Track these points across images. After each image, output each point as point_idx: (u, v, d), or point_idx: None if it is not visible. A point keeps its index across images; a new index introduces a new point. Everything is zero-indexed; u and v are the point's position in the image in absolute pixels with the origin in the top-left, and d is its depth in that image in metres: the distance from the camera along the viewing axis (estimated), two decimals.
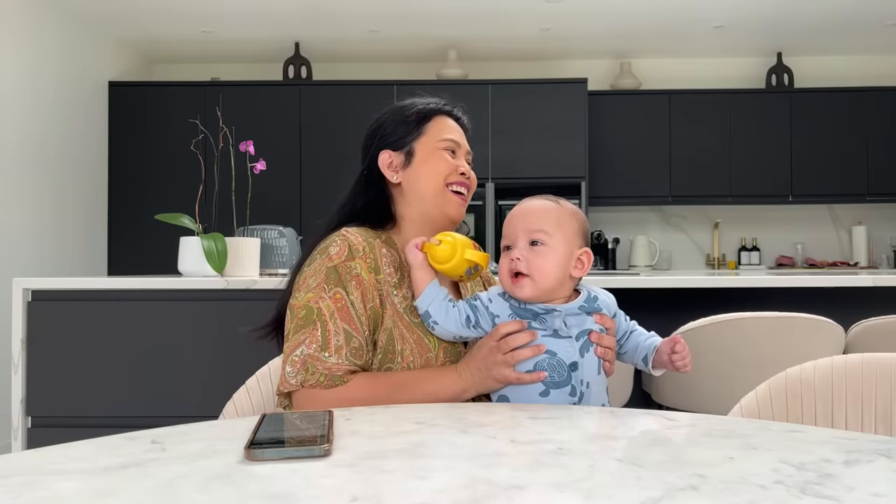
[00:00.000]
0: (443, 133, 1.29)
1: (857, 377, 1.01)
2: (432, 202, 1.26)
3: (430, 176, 1.26)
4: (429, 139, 1.29)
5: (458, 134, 1.32)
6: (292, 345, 1.11)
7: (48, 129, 4.25)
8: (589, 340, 1.06)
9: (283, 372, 1.10)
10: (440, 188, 1.26)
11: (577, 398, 1.04)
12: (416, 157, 1.28)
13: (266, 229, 2.55)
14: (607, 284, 2.20)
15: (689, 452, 0.68)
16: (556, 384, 1.03)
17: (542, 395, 1.03)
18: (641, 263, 5.31)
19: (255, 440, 0.69)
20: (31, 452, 0.70)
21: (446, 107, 1.34)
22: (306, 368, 1.09)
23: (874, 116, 5.18)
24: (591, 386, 1.05)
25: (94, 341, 2.04)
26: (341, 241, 1.17)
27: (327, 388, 1.08)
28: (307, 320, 1.11)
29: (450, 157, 1.28)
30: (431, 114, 1.31)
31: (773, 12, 4.61)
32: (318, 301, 1.11)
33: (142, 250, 4.87)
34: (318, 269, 1.14)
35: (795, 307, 2.08)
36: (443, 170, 1.26)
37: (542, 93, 4.97)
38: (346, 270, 1.14)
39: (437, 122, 1.31)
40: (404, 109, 1.32)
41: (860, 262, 5.27)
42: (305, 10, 4.53)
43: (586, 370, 1.05)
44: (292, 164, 4.97)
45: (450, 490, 0.57)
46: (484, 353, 1.08)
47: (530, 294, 1.07)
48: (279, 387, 1.11)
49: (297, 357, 1.09)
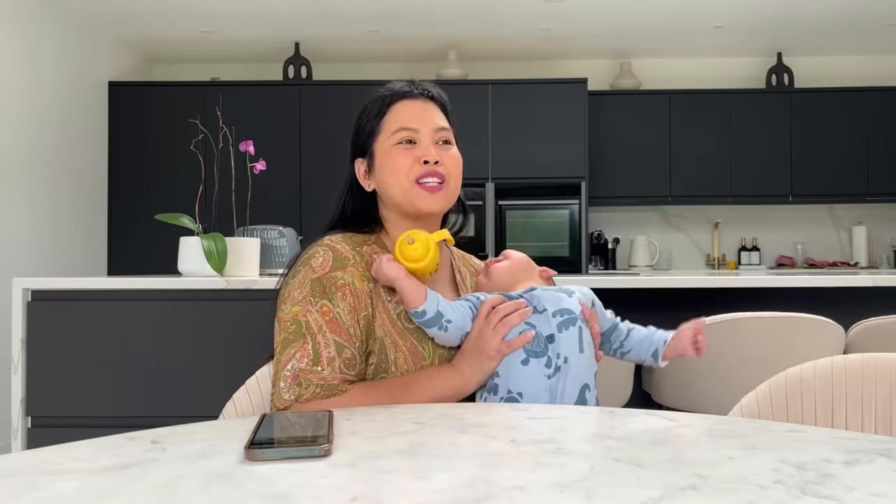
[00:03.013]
0: (396, 123, 1.19)
1: (857, 377, 1.01)
2: (404, 202, 1.18)
3: (391, 177, 1.18)
4: (384, 136, 1.20)
5: (417, 116, 1.20)
6: (284, 360, 1.07)
7: (48, 129, 4.25)
8: (567, 320, 1.11)
9: (276, 388, 1.07)
10: (406, 187, 1.17)
11: (553, 370, 1.08)
12: (377, 160, 1.20)
13: (266, 229, 2.55)
14: (607, 284, 2.20)
15: (689, 452, 0.68)
16: (534, 353, 1.09)
17: (523, 364, 1.08)
18: (641, 263, 5.31)
19: (255, 440, 0.69)
20: (31, 452, 0.70)
21: (403, 89, 1.22)
22: (299, 383, 1.05)
23: (874, 116, 5.18)
24: (569, 362, 1.09)
25: (94, 341, 2.04)
26: (324, 251, 1.13)
27: (325, 399, 1.05)
28: (297, 334, 1.07)
29: (407, 150, 1.18)
30: (386, 105, 1.21)
31: (773, 12, 4.61)
32: (305, 315, 1.08)
33: (142, 250, 4.87)
34: (303, 282, 1.11)
35: (795, 307, 2.08)
36: (401, 168, 1.17)
37: (542, 93, 4.97)
38: (331, 282, 1.10)
39: (392, 111, 1.21)
40: (364, 108, 1.25)
41: (860, 262, 5.27)
42: (305, 10, 4.53)
43: (563, 345, 1.09)
44: (292, 164, 4.97)
45: (450, 490, 0.57)
46: (474, 337, 1.11)
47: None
48: (275, 403, 1.06)
49: (289, 372, 1.06)
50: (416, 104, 1.22)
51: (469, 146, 4.95)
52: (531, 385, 1.07)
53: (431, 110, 1.22)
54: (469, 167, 5.06)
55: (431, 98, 1.24)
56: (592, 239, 5.37)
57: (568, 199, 4.93)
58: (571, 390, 1.08)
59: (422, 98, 1.23)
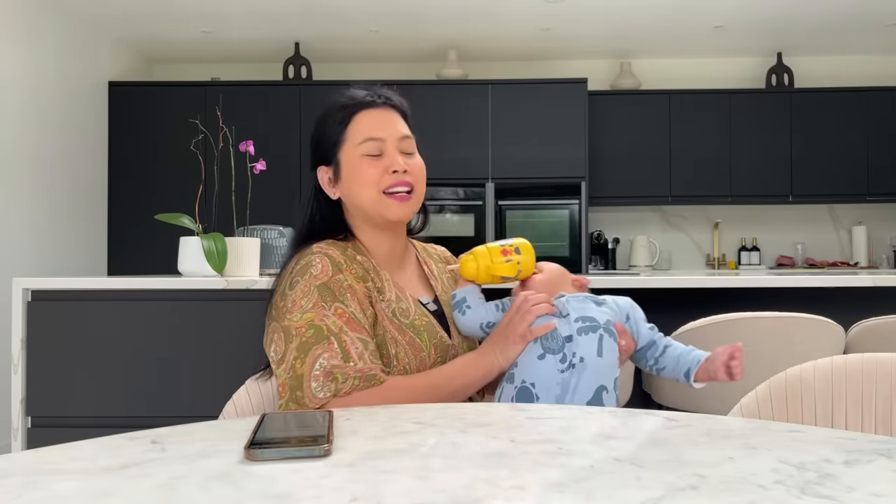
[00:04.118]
0: (362, 133, 1.20)
1: (857, 377, 1.01)
2: (373, 211, 1.20)
3: (361, 188, 1.19)
4: (350, 146, 1.20)
5: (382, 125, 1.21)
6: (309, 362, 1.06)
7: (48, 129, 4.25)
8: (588, 326, 1.15)
9: (306, 391, 1.05)
10: (375, 197, 1.19)
11: (567, 366, 1.12)
12: (343, 170, 1.21)
13: (266, 229, 2.55)
14: (607, 284, 2.20)
15: (689, 452, 0.68)
16: (551, 350, 1.14)
17: (539, 358, 1.14)
18: (641, 263, 5.31)
19: (255, 440, 0.69)
20: (31, 452, 0.70)
21: (366, 98, 1.22)
22: (335, 378, 1.05)
23: (874, 116, 5.18)
24: (585, 362, 1.12)
25: (94, 341, 2.04)
26: (320, 258, 1.14)
27: (364, 390, 1.05)
28: (318, 337, 1.07)
29: (374, 160, 1.19)
30: (350, 114, 1.21)
31: (773, 12, 4.61)
32: (322, 319, 1.08)
33: (142, 250, 4.87)
34: (308, 290, 1.10)
35: (795, 307, 2.08)
36: (369, 179, 1.18)
37: (542, 93, 4.97)
38: (337, 285, 1.11)
39: (356, 121, 1.21)
40: (327, 114, 1.24)
41: (860, 262, 5.27)
42: (305, 10, 4.53)
43: (580, 346, 1.13)
44: (292, 164, 4.97)
45: (450, 490, 0.57)
46: (503, 325, 1.18)
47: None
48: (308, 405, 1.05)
49: (319, 371, 1.05)
50: (378, 113, 1.22)
51: (469, 146, 4.95)
52: (544, 377, 1.12)
53: (394, 118, 1.24)
54: (469, 167, 5.06)
55: (393, 106, 1.25)
56: (592, 239, 5.37)
57: (568, 199, 4.93)
58: (586, 388, 1.11)
59: (384, 107, 1.23)
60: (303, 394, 1.06)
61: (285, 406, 1.08)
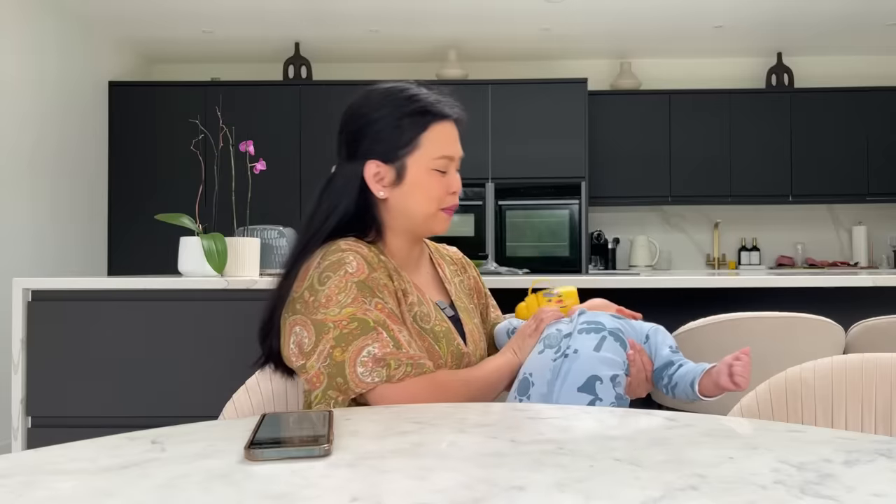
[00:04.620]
0: (440, 149, 1.17)
1: (857, 377, 1.01)
2: (422, 223, 1.20)
3: (421, 201, 1.17)
4: (423, 155, 1.17)
5: (454, 142, 1.20)
6: (353, 350, 1.04)
7: (48, 129, 4.25)
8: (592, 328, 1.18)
9: (352, 375, 1.04)
10: (432, 213, 1.19)
11: (559, 354, 1.15)
12: (408, 178, 1.17)
13: (266, 229, 2.55)
14: (607, 285, 2.20)
15: (689, 452, 0.68)
16: (550, 345, 1.19)
17: (539, 353, 1.19)
18: (641, 263, 5.31)
19: (255, 440, 0.69)
20: (31, 452, 0.70)
21: (445, 110, 1.19)
22: (387, 364, 1.04)
23: (874, 116, 5.18)
24: (579, 353, 1.14)
25: (94, 341, 2.04)
26: (353, 256, 1.11)
27: (416, 377, 1.06)
28: (364, 329, 1.05)
29: (441, 176, 1.18)
30: (428, 122, 1.17)
31: (773, 12, 4.61)
32: (364, 313, 1.06)
33: (142, 250, 4.87)
34: (344, 286, 1.08)
35: (795, 307, 2.08)
36: (434, 195, 1.18)
37: (542, 93, 4.97)
38: (375, 282, 1.10)
39: (434, 131, 1.17)
40: (398, 110, 1.17)
41: (860, 262, 5.27)
42: (305, 10, 4.53)
43: (578, 341, 1.17)
44: (292, 164, 4.97)
45: (450, 490, 0.57)
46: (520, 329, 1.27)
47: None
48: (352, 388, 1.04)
49: (367, 357, 1.04)
50: (451, 128, 1.20)
51: (469, 146, 4.92)
52: (540, 367, 1.16)
53: (457, 135, 1.23)
54: (469, 167, 5.09)
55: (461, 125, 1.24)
56: (592, 239, 5.37)
57: (568, 199, 4.93)
58: (577, 375, 1.12)
59: (454, 121, 1.21)
60: (345, 380, 1.04)
61: (322, 395, 1.06)
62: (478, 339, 1.29)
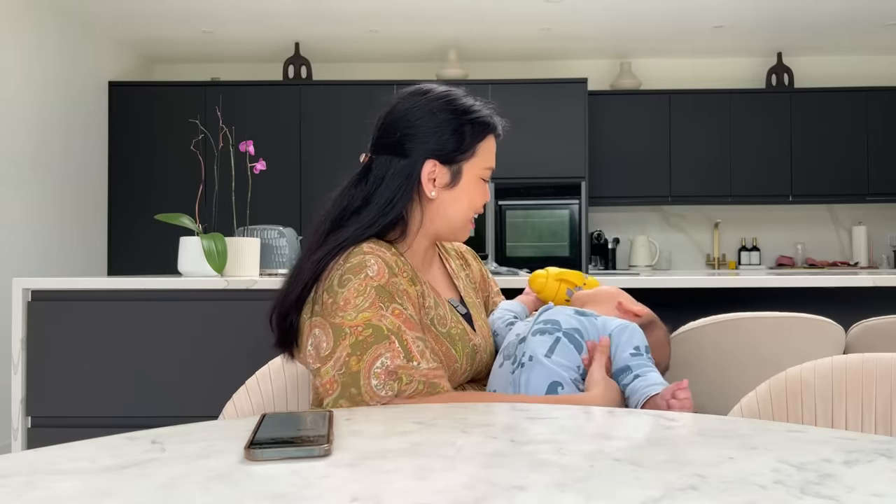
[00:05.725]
0: (489, 160, 1.23)
1: (857, 377, 1.01)
2: (452, 228, 1.23)
3: (465, 207, 1.21)
4: (477, 164, 1.21)
5: (494, 157, 1.26)
6: (368, 360, 1.04)
7: (48, 129, 4.25)
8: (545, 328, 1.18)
9: (366, 387, 1.03)
10: (465, 220, 1.23)
11: (516, 366, 1.16)
12: (462, 182, 1.20)
13: (266, 229, 2.55)
14: (607, 285, 2.20)
15: (689, 452, 0.68)
16: (508, 356, 1.19)
17: (499, 366, 1.21)
18: (641, 263, 5.31)
19: (255, 440, 0.69)
20: (31, 452, 0.70)
21: (499, 126, 1.25)
22: (399, 378, 1.04)
23: (874, 116, 5.18)
24: (534, 360, 1.14)
25: (94, 341, 2.04)
26: (375, 259, 1.11)
27: (427, 395, 1.05)
28: (378, 337, 1.05)
29: (483, 186, 1.23)
30: (485, 133, 1.22)
31: (773, 12, 4.61)
32: (380, 319, 1.06)
33: (142, 250, 4.87)
34: (363, 289, 1.07)
35: (795, 307, 2.07)
36: (475, 203, 1.22)
37: (542, 93, 4.97)
38: (395, 287, 1.10)
39: (488, 142, 1.22)
40: (461, 117, 1.19)
41: (860, 262, 5.27)
42: (305, 10, 4.53)
43: (530, 346, 1.16)
44: (292, 164, 4.97)
45: (450, 490, 0.57)
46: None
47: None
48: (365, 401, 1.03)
49: (381, 369, 1.04)
50: (494, 143, 1.25)
51: None
52: (502, 381, 1.17)
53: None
54: None
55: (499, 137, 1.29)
56: (592, 239, 5.37)
57: (568, 199, 4.93)
58: (537, 384, 1.12)
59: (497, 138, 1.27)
60: (359, 391, 1.04)
61: (334, 403, 1.05)
62: (487, 334, 1.30)
